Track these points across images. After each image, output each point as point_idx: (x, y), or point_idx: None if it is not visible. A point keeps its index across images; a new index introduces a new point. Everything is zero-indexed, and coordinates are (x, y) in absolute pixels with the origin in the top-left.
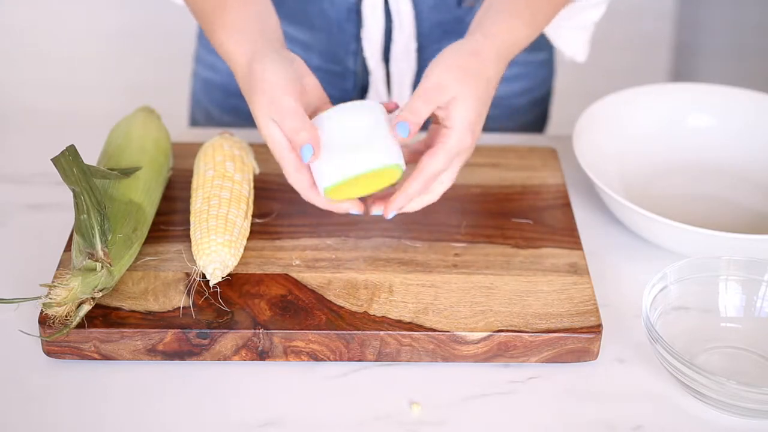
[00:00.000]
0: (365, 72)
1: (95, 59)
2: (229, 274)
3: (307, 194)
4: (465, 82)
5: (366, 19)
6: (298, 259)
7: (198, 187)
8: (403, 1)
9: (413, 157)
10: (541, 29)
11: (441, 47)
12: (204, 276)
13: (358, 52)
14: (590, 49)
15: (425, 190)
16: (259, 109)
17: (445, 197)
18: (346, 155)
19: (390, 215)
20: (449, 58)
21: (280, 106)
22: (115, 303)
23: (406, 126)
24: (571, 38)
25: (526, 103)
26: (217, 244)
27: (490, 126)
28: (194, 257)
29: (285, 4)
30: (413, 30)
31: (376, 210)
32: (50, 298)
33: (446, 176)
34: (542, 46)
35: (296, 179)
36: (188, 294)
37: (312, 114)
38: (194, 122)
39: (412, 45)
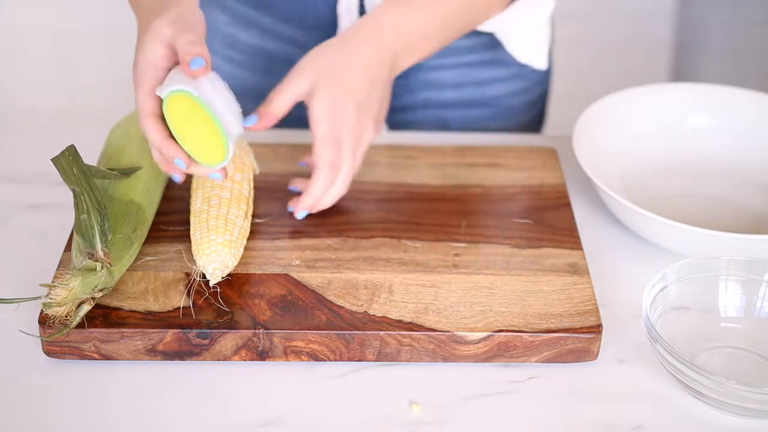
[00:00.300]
0: None
1: (95, 59)
2: (229, 274)
3: (147, 120)
4: (324, 69)
5: (341, 20)
6: (298, 259)
7: (198, 187)
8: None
9: None
10: (461, 26)
11: None
12: (204, 276)
13: None
14: (554, 55)
15: (330, 185)
16: (159, 23)
17: (446, 197)
18: (207, 88)
19: (300, 215)
20: (321, 46)
21: (190, 21)
22: (115, 303)
23: (252, 118)
24: (524, 41)
25: (522, 103)
26: (217, 244)
27: (488, 126)
28: (194, 257)
29: (279, 4)
30: None
31: (291, 206)
32: (50, 298)
33: (344, 167)
34: None
35: (145, 102)
36: (188, 294)
37: None
38: None
39: None
